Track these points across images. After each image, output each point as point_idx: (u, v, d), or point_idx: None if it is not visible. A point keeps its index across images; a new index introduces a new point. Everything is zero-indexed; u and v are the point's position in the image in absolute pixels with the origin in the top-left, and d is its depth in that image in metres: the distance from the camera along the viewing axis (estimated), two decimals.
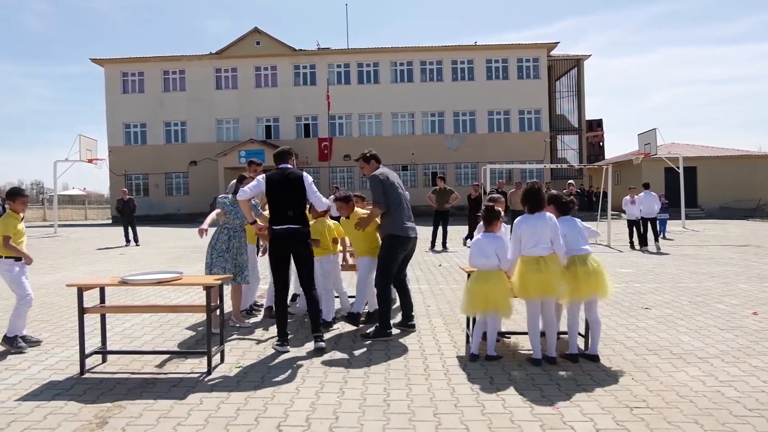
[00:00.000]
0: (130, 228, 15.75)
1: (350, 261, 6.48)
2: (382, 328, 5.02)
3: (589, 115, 43.21)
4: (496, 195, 5.58)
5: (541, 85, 33.68)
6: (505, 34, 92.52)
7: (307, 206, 5.08)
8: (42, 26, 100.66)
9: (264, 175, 4.76)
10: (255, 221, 4.92)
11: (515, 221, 4.40)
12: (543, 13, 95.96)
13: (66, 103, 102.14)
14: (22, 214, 4.78)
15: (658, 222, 13.72)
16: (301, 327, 5.46)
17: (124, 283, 4.03)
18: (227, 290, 5.45)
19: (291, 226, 4.60)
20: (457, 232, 15.81)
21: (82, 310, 4.00)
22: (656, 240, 13.45)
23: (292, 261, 4.80)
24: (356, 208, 5.91)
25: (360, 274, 5.65)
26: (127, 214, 15.79)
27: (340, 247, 6.13)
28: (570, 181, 15.78)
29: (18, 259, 4.73)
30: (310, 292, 4.78)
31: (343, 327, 5.48)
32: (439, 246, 13.40)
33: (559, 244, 4.27)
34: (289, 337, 4.73)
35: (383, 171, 5.22)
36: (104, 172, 31.67)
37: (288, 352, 4.57)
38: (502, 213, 4.63)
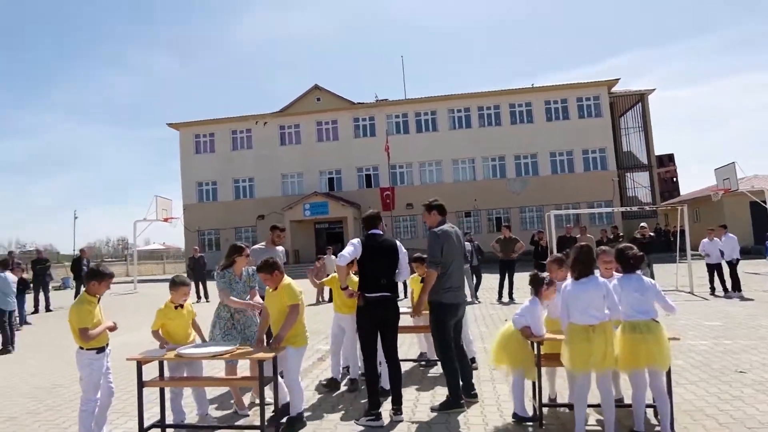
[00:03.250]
0: (200, 284, 16.26)
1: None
2: (454, 400, 4.76)
3: (660, 150, 41.56)
4: (605, 247, 4.89)
5: (603, 123, 32.78)
6: (564, 71, 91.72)
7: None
8: (130, 94, 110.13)
9: (359, 240, 4.70)
10: (347, 287, 4.77)
11: (562, 287, 4.13)
12: (602, 49, 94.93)
13: (145, 164, 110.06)
14: (99, 296, 4.20)
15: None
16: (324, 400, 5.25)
17: (179, 357, 4.03)
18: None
19: (384, 293, 4.57)
20: (524, 280, 15.23)
21: (141, 384, 4.03)
22: (736, 288, 12.25)
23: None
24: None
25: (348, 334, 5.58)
26: (198, 272, 16.36)
27: None
28: (642, 224, 14.90)
29: (101, 350, 4.07)
30: (395, 360, 4.69)
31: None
32: (506, 297, 12.91)
33: (617, 310, 3.93)
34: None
35: (444, 228, 5.05)
36: (180, 228, 33.38)
37: (383, 426, 4.35)
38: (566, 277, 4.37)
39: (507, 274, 12.99)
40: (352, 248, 4.62)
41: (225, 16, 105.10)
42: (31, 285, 14.49)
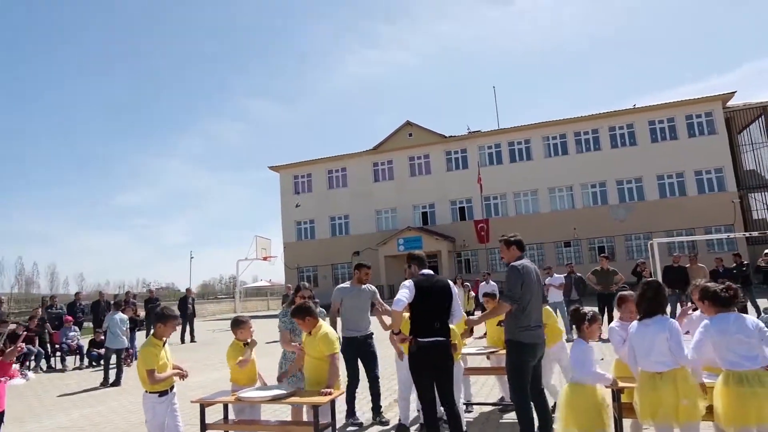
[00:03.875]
0: None
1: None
2: None
3: None
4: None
5: (719, 140, 30.03)
6: (669, 91, 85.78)
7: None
8: (239, 141, 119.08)
9: (412, 281, 4.52)
10: (399, 331, 4.51)
11: (631, 329, 3.71)
12: (713, 64, 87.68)
13: (250, 205, 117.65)
14: (165, 339, 4.28)
15: None
16: None
17: (239, 400, 4.06)
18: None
19: (438, 338, 4.36)
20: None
21: (203, 426, 4.09)
22: None
23: None
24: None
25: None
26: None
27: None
28: (767, 251, 13.27)
29: (163, 393, 4.09)
30: (452, 407, 4.43)
31: None
32: (605, 334, 11.92)
33: (682, 356, 3.43)
34: None
35: (524, 263, 4.79)
36: (281, 265, 34.94)
37: None
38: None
39: (606, 309, 12.03)
40: (407, 291, 4.37)
41: (320, 60, 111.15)
42: (144, 323, 15.66)
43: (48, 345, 12.36)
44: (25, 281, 52.96)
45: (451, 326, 5.29)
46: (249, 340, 4.57)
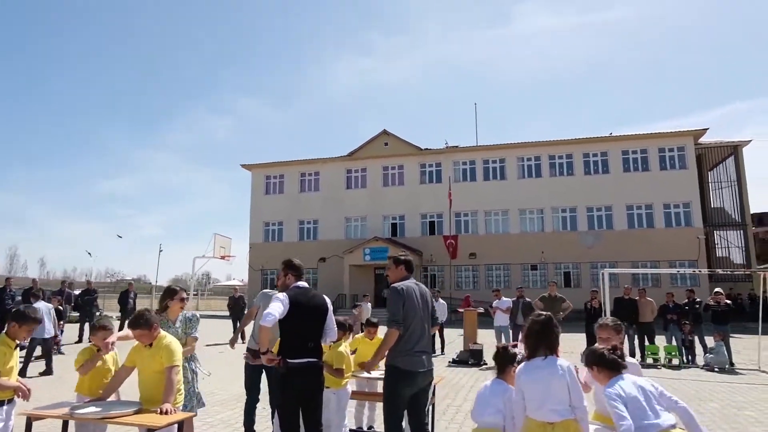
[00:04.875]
0: (238, 324, 16.14)
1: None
2: None
3: (757, 207, 37.77)
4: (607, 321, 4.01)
5: (689, 175, 30.27)
6: (647, 125, 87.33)
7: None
8: (223, 135, 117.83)
9: (286, 294, 4.02)
10: (268, 350, 3.94)
11: (516, 370, 3.29)
12: (690, 102, 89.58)
13: (228, 202, 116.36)
14: (18, 341, 3.86)
15: None
16: None
17: (69, 416, 3.56)
18: None
19: (310, 359, 3.90)
20: (575, 342, 13.77)
21: None
22: None
23: None
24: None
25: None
26: (237, 311, 16.29)
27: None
28: (717, 289, 13.10)
29: (10, 400, 3.73)
30: None
31: None
32: None
33: (581, 406, 3.04)
34: None
35: (407, 284, 4.36)
36: (245, 267, 34.14)
37: None
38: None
39: None
40: (281, 305, 3.87)
41: (316, 64, 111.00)
42: (76, 314, 15.00)
43: None
44: None
45: (343, 350, 4.86)
46: (105, 345, 4.09)
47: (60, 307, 12.23)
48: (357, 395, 5.38)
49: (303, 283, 4.20)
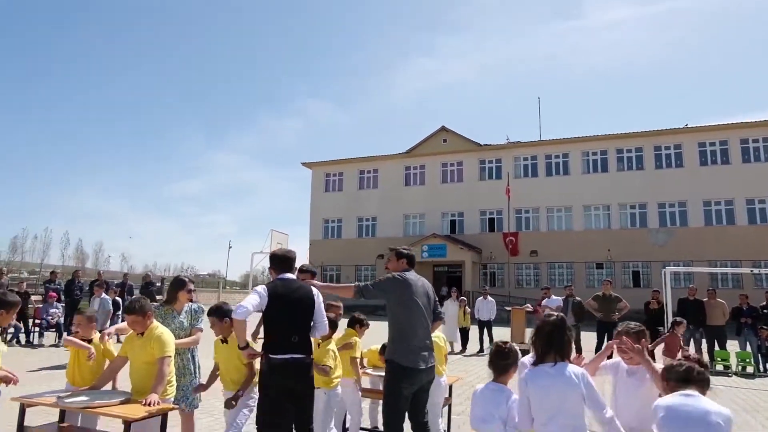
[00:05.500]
0: None
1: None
2: None
3: None
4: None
5: None
6: (724, 118, 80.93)
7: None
8: (293, 139, 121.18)
9: (265, 287, 3.84)
10: (247, 344, 3.77)
11: (521, 377, 2.91)
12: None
13: (294, 201, 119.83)
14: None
15: None
16: None
17: (56, 404, 3.55)
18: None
19: (295, 355, 3.66)
20: None
21: (20, 429, 3.61)
22: None
23: None
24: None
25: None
26: None
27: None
28: None
29: None
30: None
31: None
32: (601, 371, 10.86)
33: (605, 419, 2.65)
34: None
35: (410, 276, 4.11)
36: (305, 262, 34.74)
37: None
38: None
39: (606, 338, 10.98)
40: (257, 297, 3.67)
41: (381, 65, 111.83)
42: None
43: (30, 320, 12.38)
44: (68, 256, 54.94)
45: (332, 348, 4.59)
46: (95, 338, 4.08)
47: (118, 298, 12.78)
48: (369, 393, 5.14)
49: (289, 275, 3.97)
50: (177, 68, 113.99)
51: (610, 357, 3.73)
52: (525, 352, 10.15)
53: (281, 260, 3.99)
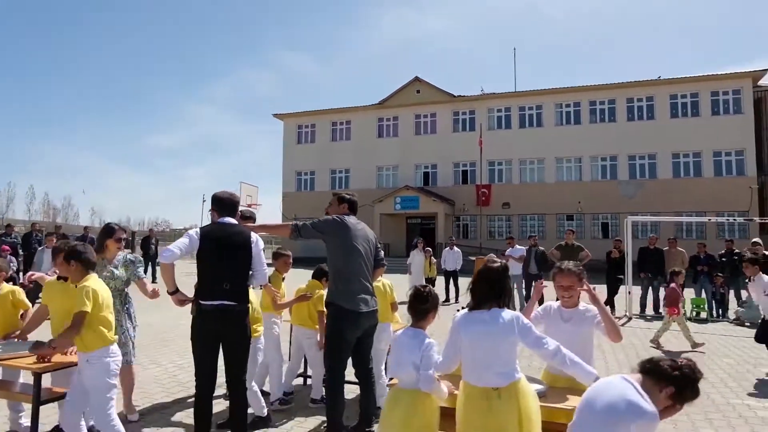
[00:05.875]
0: None
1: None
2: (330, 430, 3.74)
3: None
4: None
5: (744, 120, 28.06)
6: (699, 71, 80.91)
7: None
8: (266, 89, 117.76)
9: (197, 230, 3.69)
10: (176, 290, 3.70)
11: (454, 320, 2.81)
12: (753, 50, 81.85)
13: (269, 154, 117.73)
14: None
15: None
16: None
17: None
18: None
19: (224, 302, 3.51)
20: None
21: None
22: None
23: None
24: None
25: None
26: None
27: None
28: (755, 239, 12.10)
29: None
30: (237, 391, 3.65)
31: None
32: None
33: (545, 350, 2.62)
34: None
35: (349, 220, 4.01)
36: (278, 215, 34.55)
37: None
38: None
39: None
40: (187, 240, 3.56)
41: (358, 16, 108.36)
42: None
43: None
44: (35, 211, 53.45)
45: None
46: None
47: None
48: None
49: (229, 219, 3.79)
50: (151, 15, 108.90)
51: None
52: None
53: (222, 202, 3.81)
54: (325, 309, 4.06)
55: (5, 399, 3.85)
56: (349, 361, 4.00)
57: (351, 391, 4.80)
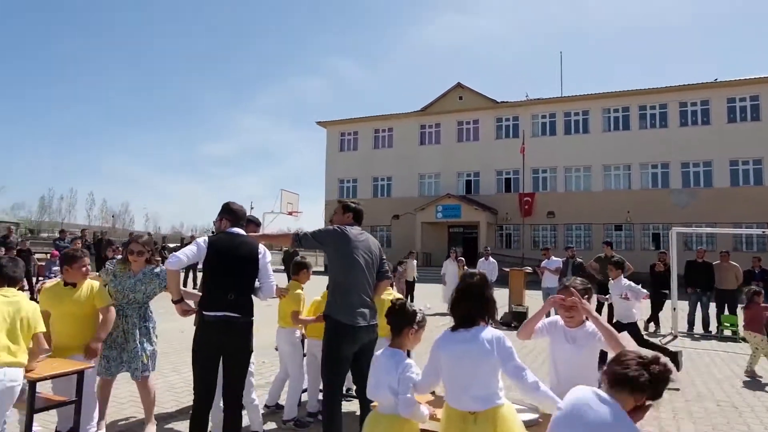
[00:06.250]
0: None
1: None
2: None
3: None
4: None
5: None
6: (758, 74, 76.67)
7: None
8: (317, 95, 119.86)
9: (206, 239, 3.66)
10: (181, 299, 3.66)
11: (435, 341, 2.64)
12: None
13: (308, 161, 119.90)
14: None
15: None
16: None
17: None
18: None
19: (228, 313, 3.46)
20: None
21: None
22: None
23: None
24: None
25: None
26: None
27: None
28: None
29: None
30: (233, 406, 3.57)
31: None
32: None
33: (523, 382, 2.42)
34: None
35: (351, 230, 3.88)
36: (321, 223, 34.83)
37: None
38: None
39: (606, 301, 10.62)
40: (195, 248, 3.53)
41: (407, 22, 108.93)
42: None
43: (34, 278, 12.58)
44: (94, 216, 56.09)
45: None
46: None
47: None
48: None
49: (237, 230, 3.76)
50: (203, 28, 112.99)
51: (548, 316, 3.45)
52: (521, 315, 9.93)
53: (235, 214, 3.81)
54: (301, 309, 4.18)
55: None
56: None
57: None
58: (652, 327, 11.02)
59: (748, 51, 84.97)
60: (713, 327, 10.92)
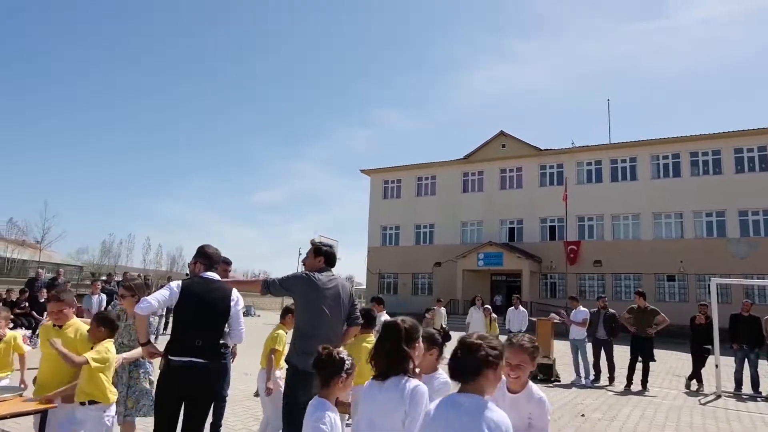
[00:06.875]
0: None
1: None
2: None
3: None
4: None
5: None
6: None
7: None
8: (363, 145, 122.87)
9: (179, 283, 3.78)
10: (148, 341, 3.69)
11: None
12: None
13: (354, 209, 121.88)
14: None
15: None
16: None
17: None
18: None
19: (194, 359, 3.49)
20: (681, 362, 11.62)
21: None
22: None
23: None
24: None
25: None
26: None
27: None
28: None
29: None
30: None
31: None
32: (637, 386, 9.92)
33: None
34: None
35: (319, 277, 3.84)
36: (363, 270, 34.90)
37: None
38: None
39: (641, 354, 10.01)
40: (167, 293, 3.56)
41: (451, 72, 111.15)
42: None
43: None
44: (150, 261, 58.33)
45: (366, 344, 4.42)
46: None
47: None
48: None
49: (212, 274, 3.82)
50: (258, 82, 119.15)
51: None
52: (546, 367, 9.47)
53: (210, 258, 3.87)
54: (281, 348, 4.20)
55: None
56: None
57: None
58: (694, 385, 10.26)
59: None
60: (764, 387, 10.04)
